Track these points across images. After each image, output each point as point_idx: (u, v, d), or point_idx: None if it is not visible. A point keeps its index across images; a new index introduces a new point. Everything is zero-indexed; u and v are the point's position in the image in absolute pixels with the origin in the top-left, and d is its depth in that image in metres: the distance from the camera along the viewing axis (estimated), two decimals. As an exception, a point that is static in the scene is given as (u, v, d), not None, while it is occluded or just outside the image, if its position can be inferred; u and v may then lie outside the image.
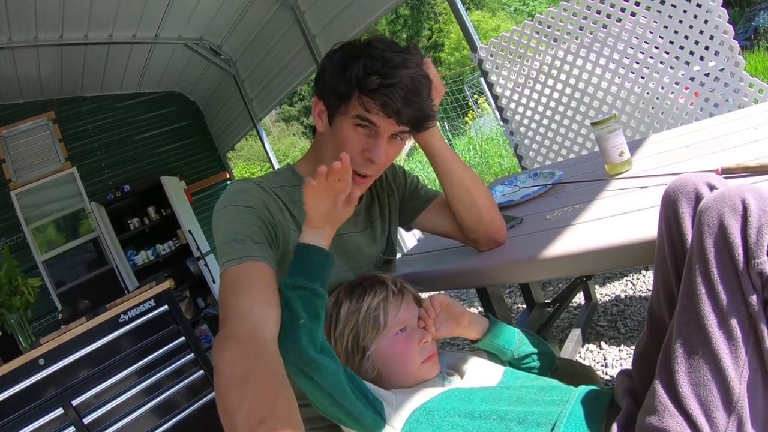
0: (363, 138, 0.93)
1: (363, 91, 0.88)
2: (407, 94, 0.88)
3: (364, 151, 0.94)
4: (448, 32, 20.44)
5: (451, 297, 0.96)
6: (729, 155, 1.10)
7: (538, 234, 1.10)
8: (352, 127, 0.92)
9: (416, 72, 0.90)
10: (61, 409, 2.07)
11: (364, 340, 0.88)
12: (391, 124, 0.91)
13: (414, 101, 0.89)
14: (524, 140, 3.15)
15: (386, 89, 0.86)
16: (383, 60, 0.88)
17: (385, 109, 0.88)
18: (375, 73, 0.87)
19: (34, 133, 4.90)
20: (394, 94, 0.87)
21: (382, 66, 0.87)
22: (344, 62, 0.91)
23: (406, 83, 0.87)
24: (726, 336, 0.61)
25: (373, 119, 0.90)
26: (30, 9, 3.46)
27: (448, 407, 0.77)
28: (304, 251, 0.83)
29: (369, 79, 0.87)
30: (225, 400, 0.63)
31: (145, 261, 5.13)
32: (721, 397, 0.60)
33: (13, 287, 2.39)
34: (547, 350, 1.01)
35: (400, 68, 0.88)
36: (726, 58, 2.28)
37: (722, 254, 0.62)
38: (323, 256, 0.83)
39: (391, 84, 0.86)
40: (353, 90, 0.89)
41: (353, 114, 0.91)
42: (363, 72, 0.87)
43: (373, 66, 0.87)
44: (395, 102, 0.87)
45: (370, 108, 0.89)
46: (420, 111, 0.91)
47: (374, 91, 0.87)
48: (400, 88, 0.87)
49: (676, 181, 0.73)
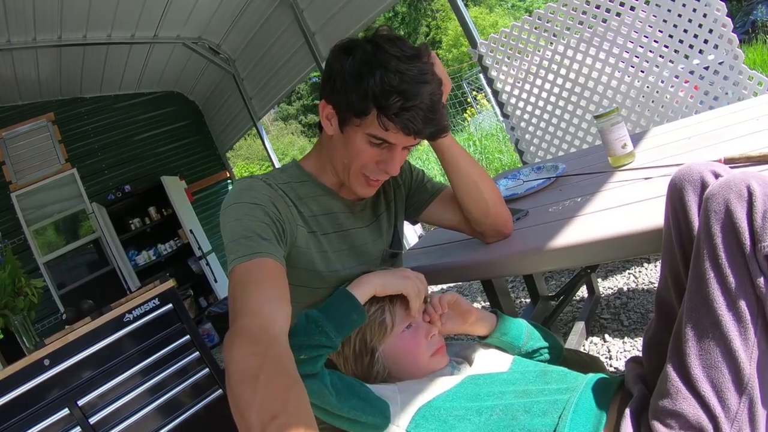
0: (377, 150, 0.93)
1: (383, 112, 0.86)
2: (427, 113, 0.87)
3: (379, 163, 0.95)
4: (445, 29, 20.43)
5: (458, 295, 0.97)
6: (731, 146, 1.11)
7: (543, 226, 1.11)
8: (367, 142, 0.92)
9: (433, 86, 0.88)
10: (67, 409, 2.07)
11: (372, 342, 0.88)
12: (409, 140, 0.91)
13: (433, 119, 0.88)
14: (525, 135, 3.15)
15: (408, 113, 0.85)
16: (401, 75, 0.85)
17: (405, 131, 0.87)
18: (394, 92, 0.84)
19: (33, 134, 4.91)
20: (415, 116, 0.85)
21: (400, 82, 0.84)
22: (358, 72, 0.88)
23: (426, 102, 0.86)
24: (735, 318, 0.62)
25: (390, 139, 0.90)
26: (28, 10, 3.46)
27: (455, 404, 0.77)
28: (345, 298, 0.83)
29: (389, 101, 0.84)
30: (236, 396, 0.63)
31: (146, 261, 5.14)
32: (732, 378, 0.62)
33: (17, 288, 2.39)
34: (556, 343, 1.02)
35: (419, 84, 0.85)
36: (725, 51, 2.28)
37: (729, 239, 0.63)
38: (360, 315, 0.84)
39: (412, 106, 0.85)
40: (370, 108, 0.87)
41: (368, 131, 0.90)
42: (381, 89, 0.85)
43: (391, 83, 0.84)
44: (416, 124, 0.86)
45: (389, 128, 0.88)
46: (438, 126, 0.90)
47: (396, 114, 0.85)
48: (421, 109, 0.86)
49: (682, 170, 0.74)
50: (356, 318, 0.82)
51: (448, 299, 0.93)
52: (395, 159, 0.93)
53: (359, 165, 0.95)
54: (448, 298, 0.93)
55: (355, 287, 0.85)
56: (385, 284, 0.87)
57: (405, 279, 0.89)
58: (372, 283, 0.86)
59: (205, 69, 5.30)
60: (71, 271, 4.80)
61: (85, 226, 4.95)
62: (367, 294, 0.85)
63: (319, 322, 0.76)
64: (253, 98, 5.22)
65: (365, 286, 0.85)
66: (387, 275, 0.88)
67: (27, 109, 4.91)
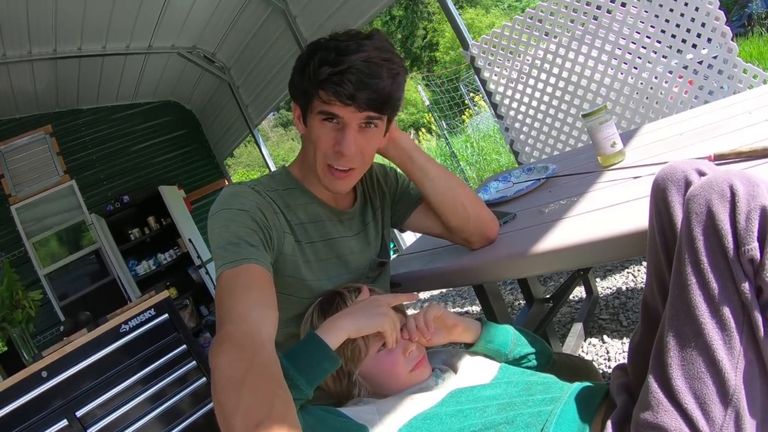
0: (332, 133, 0.92)
1: (317, 84, 0.88)
2: (360, 77, 0.85)
3: (335, 145, 0.93)
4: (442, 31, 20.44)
5: (444, 307, 0.94)
6: (722, 141, 1.10)
7: (531, 229, 1.09)
8: (321, 124, 0.92)
9: (371, 54, 0.87)
10: (66, 420, 2.08)
11: (347, 367, 0.86)
12: (352, 111, 0.89)
13: (369, 83, 0.86)
14: (520, 135, 3.14)
15: (336, 77, 0.85)
16: (337, 50, 0.87)
17: (339, 97, 0.86)
18: (327, 63, 0.86)
19: (31, 147, 4.92)
20: (344, 80, 0.85)
21: (336, 56, 0.86)
22: (305, 60, 0.91)
23: (359, 67, 0.86)
24: (719, 326, 0.59)
25: (334, 111, 0.89)
26: (23, 24, 3.47)
27: (436, 423, 0.74)
28: (316, 347, 0.78)
29: (321, 70, 0.86)
30: (222, 402, 0.62)
31: (146, 271, 5.14)
32: (716, 389, 0.58)
33: (15, 301, 2.38)
34: (544, 349, 1.00)
35: (351, 53, 0.86)
36: (719, 44, 2.27)
37: (712, 242, 0.61)
38: (333, 363, 0.79)
39: (341, 71, 0.85)
40: (313, 86, 0.89)
41: (318, 110, 0.91)
42: (317, 65, 0.87)
43: (326, 57, 0.87)
44: (347, 87, 0.85)
45: (328, 99, 0.88)
46: (377, 93, 0.88)
47: (326, 81, 0.86)
48: (351, 73, 0.85)
49: (665, 169, 0.71)
50: (328, 366, 0.78)
51: (434, 314, 0.90)
52: (347, 137, 0.91)
53: (321, 155, 0.95)
54: (434, 313, 0.90)
55: (326, 333, 0.80)
56: (359, 328, 0.82)
57: (378, 317, 0.84)
58: (345, 329, 0.81)
59: (200, 78, 5.31)
60: (72, 283, 4.80)
61: (85, 237, 4.95)
62: (340, 339, 0.80)
63: (290, 374, 0.72)
64: (249, 106, 5.23)
65: (338, 332, 0.80)
66: (359, 316, 0.84)
67: (25, 122, 4.92)
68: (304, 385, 0.73)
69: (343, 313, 0.85)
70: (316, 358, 0.77)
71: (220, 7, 4.11)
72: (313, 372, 0.75)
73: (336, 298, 0.93)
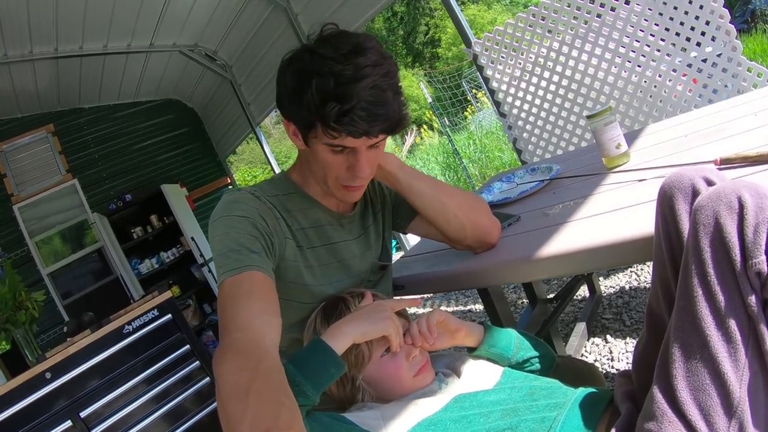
0: (343, 157, 0.90)
1: (324, 122, 0.82)
2: (370, 110, 0.81)
3: (348, 168, 0.92)
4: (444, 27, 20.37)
5: (446, 312, 0.94)
6: (728, 144, 1.09)
7: (534, 232, 1.08)
8: (330, 151, 0.90)
9: (374, 78, 0.82)
10: (70, 421, 2.08)
11: (350, 372, 0.86)
12: (364, 141, 0.87)
13: (379, 114, 0.82)
14: (523, 134, 3.13)
15: (347, 117, 0.80)
16: (334, 77, 0.80)
17: (353, 135, 0.83)
18: (330, 98, 0.80)
19: (34, 146, 4.92)
20: (355, 118, 0.80)
21: (335, 85, 0.80)
22: (297, 85, 0.85)
23: (366, 98, 0.81)
24: (725, 338, 0.59)
25: (346, 143, 0.87)
26: (24, 23, 3.46)
27: (439, 429, 0.74)
28: (323, 352, 0.78)
29: (326, 109, 0.80)
30: (227, 411, 0.62)
31: (149, 269, 5.15)
32: (721, 401, 0.58)
33: (18, 302, 2.39)
34: (547, 352, 0.99)
35: (355, 83, 0.80)
36: (723, 43, 2.25)
37: (719, 254, 0.60)
38: (339, 368, 0.78)
39: (350, 109, 0.80)
40: (315, 119, 0.84)
41: (325, 142, 0.87)
42: (318, 99, 0.81)
43: (326, 89, 0.80)
44: (360, 126, 0.81)
45: (338, 136, 0.84)
46: (389, 120, 0.84)
47: (336, 121, 0.81)
48: (361, 109, 0.80)
49: (672, 176, 0.71)
50: (334, 372, 0.77)
51: (437, 319, 0.90)
52: (361, 162, 0.90)
53: (333, 176, 0.94)
54: (437, 318, 0.90)
55: (332, 338, 0.79)
56: (364, 333, 0.82)
57: (383, 321, 0.84)
58: (350, 334, 0.81)
59: (202, 76, 5.30)
60: (75, 281, 4.81)
61: (87, 236, 4.96)
62: (345, 344, 0.80)
63: (296, 381, 0.72)
64: (251, 103, 5.22)
65: (343, 337, 0.80)
66: (363, 321, 0.83)
67: (26, 122, 4.92)
68: (311, 391, 0.73)
69: (348, 319, 0.85)
70: (323, 364, 0.76)
71: (221, 5, 4.10)
72: (319, 378, 0.75)
73: (339, 304, 0.93)
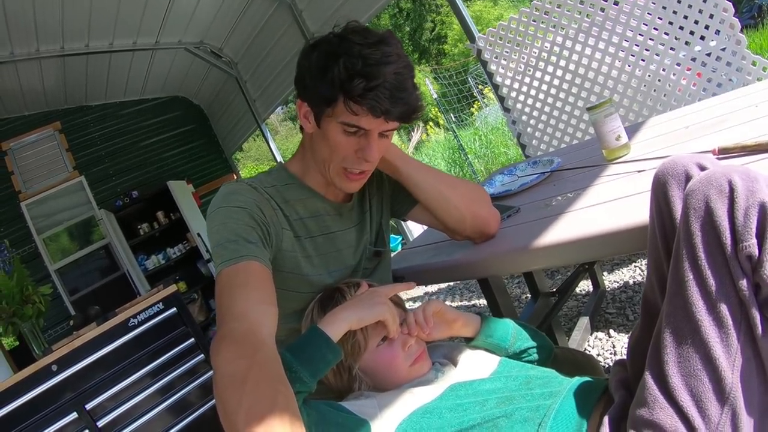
0: (354, 139, 0.93)
1: (349, 96, 0.86)
2: (393, 91, 0.86)
3: (357, 151, 0.93)
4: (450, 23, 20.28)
5: (443, 302, 0.95)
6: (728, 135, 1.08)
7: (534, 223, 1.09)
8: (342, 132, 0.92)
9: (398, 66, 0.87)
10: (75, 413, 2.10)
11: (347, 362, 0.86)
12: (380, 123, 0.90)
13: (401, 98, 0.87)
14: (527, 128, 3.12)
15: (372, 92, 0.84)
16: (363, 58, 0.85)
17: (373, 112, 0.86)
18: (357, 75, 0.84)
19: (41, 144, 4.97)
20: (380, 96, 0.85)
21: (363, 65, 0.84)
22: (323, 63, 0.88)
23: (391, 81, 0.85)
24: (716, 323, 0.58)
25: (362, 124, 0.89)
26: (30, 22, 3.49)
27: (435, 417, 0.75)
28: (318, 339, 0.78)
29: (353, 83, 0.84)
30: (224, 400, 0.63)
31: (156, 265, 5.19)
32: (713, 387, 0.58)
33: (25, 296, 2.42)
34: (545, 343, 1.00)
35: (381, 65, 0.85)
36: (727, 36, 2.24)
37: (709, 238, 0.60)
38: (335, 354, 0.79)
39: (376, 86, 0.84)
40: (338, 94, 0.87)
41: (341, 119, 0.90)
42: (345, 75, 0.85)
43: (354, 67, 0.85)
44: (383, 104, 0.85)
45: (358, 111, 0.87)
46: (408, 105, 0.89)
47: (361, 96, 0.85)
48: (386, 88, 0.85)
49: (666, 163, 0.70)
50: (331, 358, 0.78)
51: (434, 309, 0.90)
52: (372, 146, 0.92)
53: (339, 158, 0.95)
54: (433, 308, 0.90)
55: (328, 325, 0.80)
56: (360, 319, 0.82)
57: (378, 306, 0.84)
58: (346, 320, 0.81)
59: (208, 73, 5.32)
60: (82, 277, 4.85)
61: (94, 233, 5.00)
62: (341, 330, 0.80)
63: (293, 368, 0.73)
64: (256, 100, 5.23)
65: (339, 323, 0.81)
66: (359, 308, 0.84)
67: (33, 119, 4.97)
68: (308, 377, 0.73)
69: (343, 306, 0.86)
70: (319, 350, 0.77)
71: (226, 2, 4.11)
72: (316, 364, 0.76)
73: (335, 294, 0.94)
